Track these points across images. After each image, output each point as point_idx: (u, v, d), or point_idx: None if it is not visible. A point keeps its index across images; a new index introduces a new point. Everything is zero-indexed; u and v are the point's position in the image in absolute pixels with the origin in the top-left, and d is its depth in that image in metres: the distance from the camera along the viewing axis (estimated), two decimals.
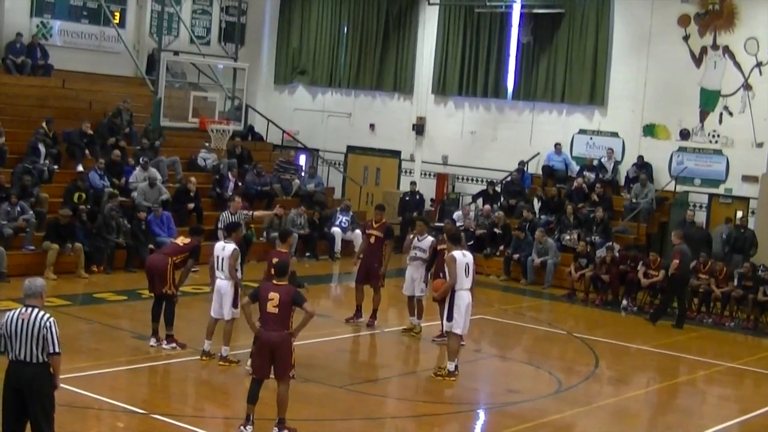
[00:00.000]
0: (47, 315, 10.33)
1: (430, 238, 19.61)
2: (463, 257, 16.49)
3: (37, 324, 10.21)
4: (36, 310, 10.32)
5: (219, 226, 21.82)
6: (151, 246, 23.95)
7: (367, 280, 20.32)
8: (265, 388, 13.10)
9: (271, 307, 12.87)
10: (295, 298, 12.98)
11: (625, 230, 27.52)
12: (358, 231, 27.44)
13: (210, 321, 16.64)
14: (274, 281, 13.19)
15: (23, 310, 10.35)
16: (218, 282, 16.49)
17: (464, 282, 16.47)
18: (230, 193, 27.51)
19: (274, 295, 12.90)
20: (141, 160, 26.83)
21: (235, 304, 16.35)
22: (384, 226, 20.34)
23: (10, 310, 10.65)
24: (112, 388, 14.99)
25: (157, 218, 25.27)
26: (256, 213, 23.73)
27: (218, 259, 16.49)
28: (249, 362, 14.71)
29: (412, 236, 19.94)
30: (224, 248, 16.51)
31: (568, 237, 27.12)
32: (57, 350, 10.27)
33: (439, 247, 18.79)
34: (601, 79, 29.46)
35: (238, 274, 16.68)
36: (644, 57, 28.78)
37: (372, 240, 20.30)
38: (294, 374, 13.17)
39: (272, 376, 13.00)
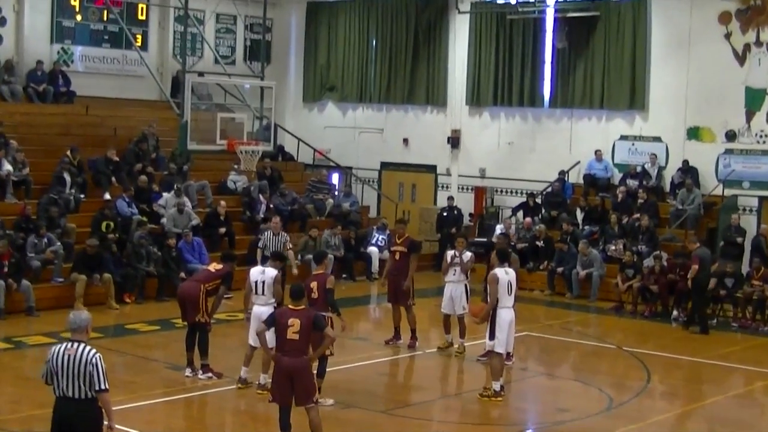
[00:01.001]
0: (93, 350, 10.16)
1: (468, 253, 19.38)
2: (505, 275, 16.28)
3: (84, 360, 10.06)
4: (82, 346, 10.16)
5: (260, 245, 21.87)
6: (182, 274, 23.51)
7: (398, 300, 19.76)
8: (304, 417, 12.79)
9: (292, 334, 12.54)
10: (316, 323, 12.69)
11: (673, 238, 26.78)
12: None
13: (248, 348, 16.18)
14: (291, 306, 12.83)
15: (69, 345, 10.19)
16: (256, 308, 16.01)
17: (506, 300, 16.26)
18: (262, 216, 27.30)
19: (294, 321, 12.56)
20: (176, 186, 26.40)
21: None
22: (407, 241, 19.87)
23: (51, 344, 10.68)
24: (149, 422, 14.78)
25: (188, 244, 24.92)
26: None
27: (256, 284, 16.08)
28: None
29: (452, 253, 19.35)
30: (264, 272, 16.20)
31: (613, 247, 26.54)
32: (104, 386, 10.08)
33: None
34: (641, 82, 28.82)
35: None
36: (685, 58, 28.10)
37: (397, 256, 19.78)
38: (317, 399, 12.98)
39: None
